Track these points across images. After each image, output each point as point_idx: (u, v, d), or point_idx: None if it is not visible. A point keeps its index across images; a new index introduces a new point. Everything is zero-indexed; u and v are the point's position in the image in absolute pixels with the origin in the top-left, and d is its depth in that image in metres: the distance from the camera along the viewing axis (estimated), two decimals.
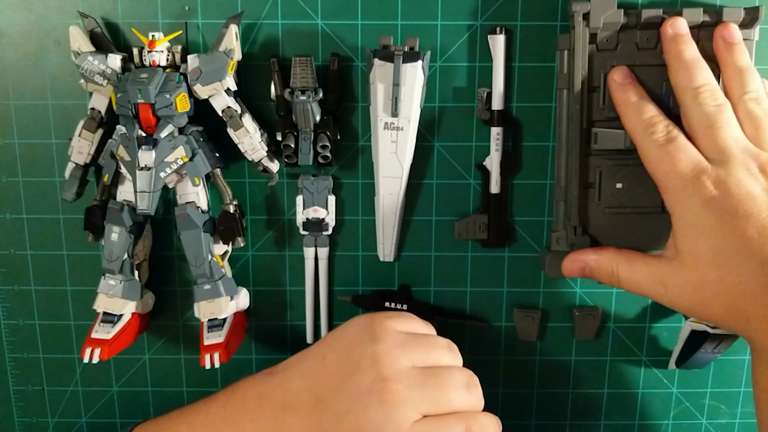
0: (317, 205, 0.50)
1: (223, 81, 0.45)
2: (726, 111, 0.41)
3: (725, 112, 0.41)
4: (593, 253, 0.46)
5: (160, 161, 0.45)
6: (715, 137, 0.40)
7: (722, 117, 0.40)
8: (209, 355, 0.47)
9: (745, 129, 0.41)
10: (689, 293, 0.41)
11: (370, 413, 0.39)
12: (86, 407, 0.55)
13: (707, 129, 0.40)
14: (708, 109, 0.41)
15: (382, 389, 0.39)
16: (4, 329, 0.54)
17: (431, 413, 0.40)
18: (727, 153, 0.40)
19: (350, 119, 0.49)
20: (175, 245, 0.52)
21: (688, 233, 0.40)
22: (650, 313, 0.53)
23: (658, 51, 0.45)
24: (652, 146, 0.41)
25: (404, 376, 0.40)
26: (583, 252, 0.46)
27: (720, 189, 0.39)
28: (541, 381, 0.54)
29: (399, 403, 0.39)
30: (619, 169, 0.46)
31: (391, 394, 0.39)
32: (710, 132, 0.40)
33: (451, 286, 0.52)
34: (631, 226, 0.47)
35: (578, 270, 0.46)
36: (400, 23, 0.48)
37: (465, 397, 0.41)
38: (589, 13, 0.44)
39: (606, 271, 0.45)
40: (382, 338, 0.42)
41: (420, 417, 0.39)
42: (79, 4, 0.47)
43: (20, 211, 0.51)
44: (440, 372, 0.42)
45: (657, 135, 0.41)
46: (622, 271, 0.44)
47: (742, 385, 0.54)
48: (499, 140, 0.49)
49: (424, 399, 0.40)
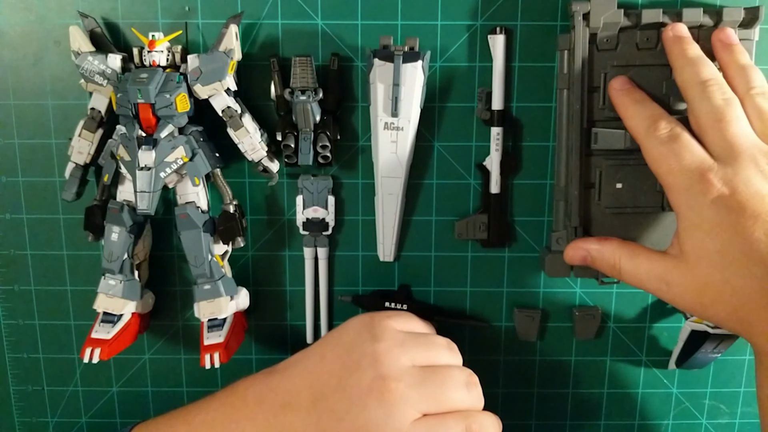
0: (317, 205, 0.50)
1: (223, 81, 0.45)
2: (735, 105, 0.40)
3: (734, 106, 0.39)
4: (596, 242, 0.45)
5: (160, 161, 0.45)
6: (723, 132, 0.39)
7: (731, 111, 0.39)
8: (209, 355, 0.47)
9: (753, 124, 0.40)
10: (692, 293, 0.40)
11: (370, 412, 0.39)
12: (86, 407, 0.55)
13: (716, 123, 0.39)
14: (717, 102, 0.39)
15: (382, 388, 0.39)
16: (4, 329, 0.54)
17: (431, 412, 0.40)
18: (736, 149, 0.38)
19: (350, 119, 0.49)
20: (175, 245, 0.52)
21: (692, 233, 0.39)
22: (650, 313, 0.53)
23: (658, 51, 0.45)
24: (655, 143, 0.40)
25: (404, 375, 0.40)
26: (586, 240, 0.45)
27: (727, 187, 0.38)
28: (541, 381, 0.54)
29: (399, 402, 0.39)
30: (619, 169, 0.46)
31: (391, 392, 0.39)
32: (719, 126, 0.39)
33: (451, 286, 0.52)
34: (631, 226, 0.47)
35: (580, 258, 0.45)
36: (400, 23, 0.48)
37: (465, 396, 0.41)
38: (589, 13, 0.44)
39: (608, 262, 0.44)
40: (382, 337, 0.42)
41: (420, 416, 0.39)
42: (79, 4, 0.47)
43: (20, 211, 0.51)
44: (440, 371, 0.42)
45: (660, 132, 0.40)
46: (624, 264, 0.43)
47: (742, 385, 0.54)
48: (499, 140, 0.49)
49: (424, 398, 0.40)
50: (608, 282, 0.48)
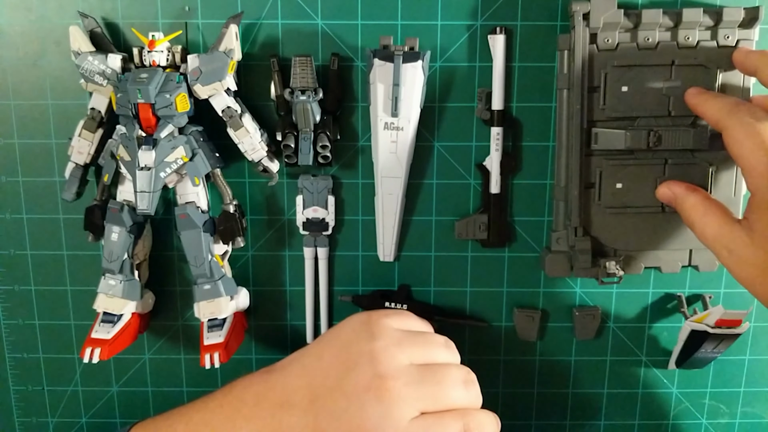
0: (317, 205, 0.50)
1: (223, 81, 0.45)
2: None
3: None
4: (685, 191, 0.44)
5: (160, 161, 0.45)
6: None
7: None
8: (209, 355, 0.47)
9: None
10: (751, 269, 0.40)
11: (368, 411, 0.39)
12: (86, 407, 0.55)
13: None
14: None
15: (380, 386, 0.39)
16: (4, 329, 0.54)
17: (429, 410, 0.40)
18: None
19: (350, 119, 0.49)
20: (175, 245, 0.52)
21: (764, 214, 0.39)
22: (650, 313, 0.53)
23: (658, 51, 0.45)
24: (739, 124, 0.40)
25: (402, 374, 0.40)
26: (678, 184, 0.45)
27: None
28: (541, 381, 0.54)
29: (396, 401, 0.39)
30: (619, 169, 0.46)
31: (389, 391, 0.39)
32: None
33: (451, 286, 0.52)
34: (631, 226, 0.47)
35: (667, 198, 0.46)
36: (400, 23, 0.48)
37: (462, 394, 0.41)
38: (589, 13, 0.44)
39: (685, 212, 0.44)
40: (380, 336, 0.42)
41: (418, 414, 0.39)
42: (79, 4, 0.47)
43: (20, 211, 0.51)
44: (438, 369, 0.42)
45: (743, 114, 0.40)
46: (696, 218, 0.43)
47: (742, 385, 0.54)
48: (499, 140, 0.49)
49: (422, 396, 0.40)
50: (608, 282, 0.48)
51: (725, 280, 0.52)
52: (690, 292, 0.52)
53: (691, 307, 0.52)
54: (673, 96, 0.45)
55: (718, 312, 0.47)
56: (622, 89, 0.45)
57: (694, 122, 0.46)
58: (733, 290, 0.52)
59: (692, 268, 0.49)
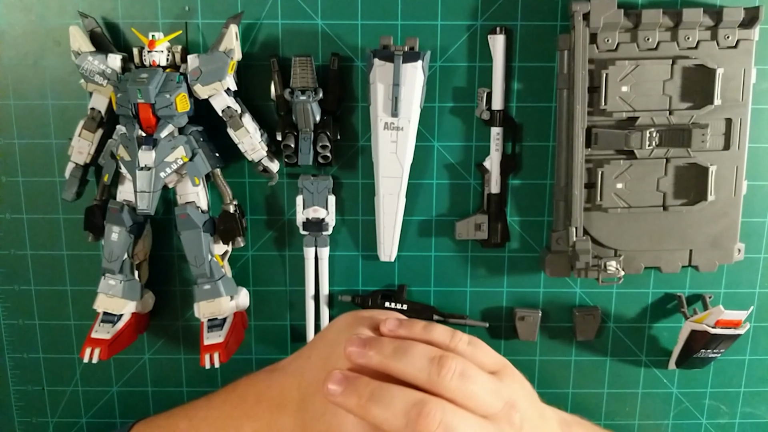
0: (317, 205, 0.50)
1: (223, 81, 0.45)
2: None
3: None
4: None
5: (160, 161, 0.45)
6: None
7: None
8: (209, 355, 0.47)
9: None
10: None
11: (342, 414, 0.37)
12: (86, 407, 0.55)
13: None
14: None
15: None
16: (4, 329, 0.54)
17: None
18: None
19: (350, 119, 0.49)
20: (175, 245, 0.52)
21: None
22: (650, 313, 0.53)
23: (659, 51, 0.45)
24: None
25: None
26: None
27: None
28: (541, 381, 0.54)
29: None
30: (619, 169, 0.46)
31: None
32: None
33: (451, 286, 0.52)
34: (631, 226, 0.47)
35: None
36: (400, 23, 0.48)
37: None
38: (589, 13, 0.44)
39: None
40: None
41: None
42: (79, 4, 0.47)
43: (20, 211, 0.51)
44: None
45: None
46: None
47: (742, 385, 0.54)
48: (499, 140, 0.49)
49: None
50: (608, 282, 0.48)
51: (725, 280, 0.52)
52: (690, 292, 0.52)
53: (691, 307, 0.52)
54: (673, 96, 0.45)
55: (718, 312, 0.47)
56: (622, 89, 0.45)
57: (694, 122, 0.46)
58: (733, 290, 0.52)
59: (692, 268, 0.49)
